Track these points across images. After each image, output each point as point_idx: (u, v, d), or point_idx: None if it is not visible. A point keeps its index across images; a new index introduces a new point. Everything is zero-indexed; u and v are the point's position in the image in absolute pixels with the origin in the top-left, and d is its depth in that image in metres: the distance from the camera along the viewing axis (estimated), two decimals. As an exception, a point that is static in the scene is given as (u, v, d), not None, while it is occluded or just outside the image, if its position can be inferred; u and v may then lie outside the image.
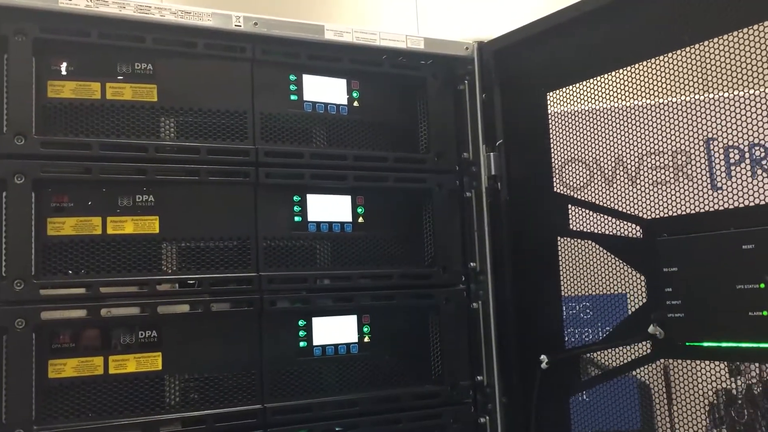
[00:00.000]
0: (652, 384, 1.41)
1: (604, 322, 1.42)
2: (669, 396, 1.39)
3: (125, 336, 1.28)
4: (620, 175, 1.43)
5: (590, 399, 1.42)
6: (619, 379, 1.40)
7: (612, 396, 1.41)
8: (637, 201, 1.31)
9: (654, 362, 1.28)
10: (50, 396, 1.22)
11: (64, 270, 1.25)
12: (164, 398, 1.29)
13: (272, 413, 1.35)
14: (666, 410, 1.39)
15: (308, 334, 1.42)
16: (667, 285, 1.21)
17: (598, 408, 1.42)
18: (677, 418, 1.32)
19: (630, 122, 1.35)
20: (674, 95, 1.26)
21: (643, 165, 1.39)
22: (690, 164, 1.29)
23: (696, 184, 1.23)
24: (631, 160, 1.38)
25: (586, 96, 1.41)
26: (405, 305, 1.52)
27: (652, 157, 1.37)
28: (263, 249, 1.39)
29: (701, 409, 1.27)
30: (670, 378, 1.38)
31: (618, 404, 1.40)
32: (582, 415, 1.45)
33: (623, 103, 1.36)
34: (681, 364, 1.28)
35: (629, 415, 1.41)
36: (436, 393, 1.51)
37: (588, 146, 1.43)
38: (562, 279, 1.46)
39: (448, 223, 1.58)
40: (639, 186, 1.36)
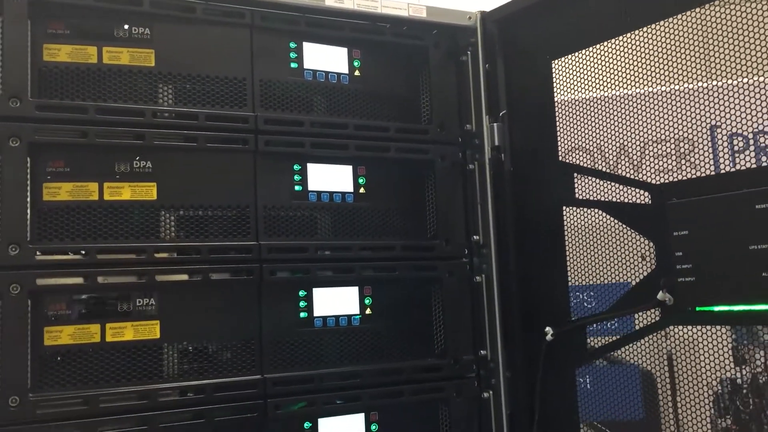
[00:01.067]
0: (655, 373, 1.39)
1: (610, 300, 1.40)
2: (673, 385, 1.36)
3: (122, 304, 1.25)
4: (624, 164, 1.40)
5: (593, 388, 1.40)
6: (623, 367, 1.38)
7: (615, 385, 1.38)
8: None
9: (663, 329, 1.25)
10: (46, 363, 1.19)
11: (60, 236, 1.22)
12: (162, 367, 1.27)
13: (272, 384, 1.32)
14: (670, 400, 1.37)
15: (309, 304, 1.39)
16: (677, 249, 1.18)
17: (601, 397, 1.39)
18: (681, 407, 1.29)
19: (633, 110, 1.33)
20: (678, 83, 1.23)
21: (647, 153, 1.36)
22: (694, 152, 1.27)
23: (700, 173, 1.21)
24: (634, 149, 1.36)
25: (590, 84, 1.39)
26: (407, 277, 1.49)
27: (656, 146, 1.35)
28: (263, 218, 1.36)
29: (706, 399, 1.25)
30: (674, 367, 1.35)
31: (621, 393, 1.38)
32: (585, 404, 1.42)
33: (626, 91, 1.34)
34: (685, 353, 1.25)
35: (632, 404, 1.38)
36: (439, 367, 1.49)
37: (591, 135, 1.41)
38: (568, 250, 1.43)
39: (450, 195, 1.55)
40: (643, 175, 1.34)
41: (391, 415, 1.44)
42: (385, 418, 1.43)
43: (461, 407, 1.49)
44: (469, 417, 1.51)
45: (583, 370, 1.43)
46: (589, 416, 1.42)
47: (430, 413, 1.49)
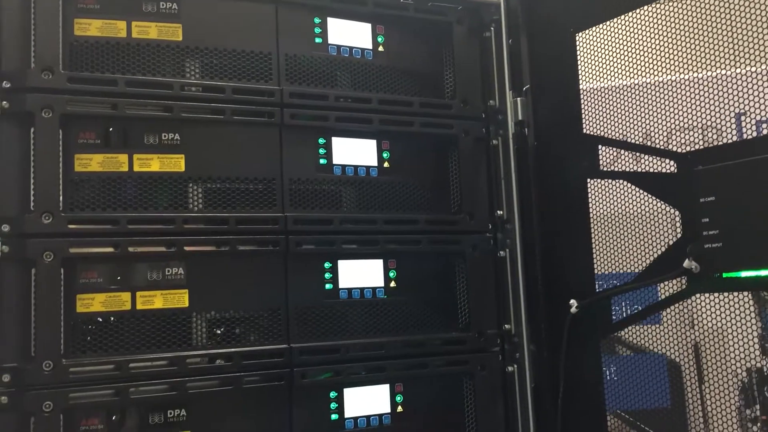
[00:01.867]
0: (682, 362, 1.38)
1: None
2: (700, 374, 1.36)
3: (152, 272, 1.27)
4: None
5: (619, 378, 1.39)
6: (649, 356, 1.37)
7: (641, 374, 1.37)
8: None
9: (689, 297, 1.24)
10: (78, 330, 1.21)
11: (92, 206, 1.24)
12: (191, 335, 1.29)
13: (298, 353, 1.34)
14: (696, 389, 1.36)
15: (334, 276, 1.41)
16: (703, 216, 1.18)
17: (627, 386, 1.39)
18: (708, 397, 1.28)
19: (658, 98, 1.32)
20: (704, 70, 1.23)
21: (672, 141, 1.35)
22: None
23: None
24: (659, 137, 1.35)
25: (615, 73, 1.38)
26: (431, 251, 1.50)
27: (681, 134, 1.34)
28: (288, 190, 1.38)
29: (733, 389, 1.24)
30: (701, 356, 1.35)
31: (647, 382, 1.37)
32: (610, 393, 1.42)
33: (651, 79, 1.33)
34: (712, 342, 1.25)
35: (659, 393, 1.38)
36: (463, 340, 1.50)
37: (615, 123, 1.40)
38: (592, 222, 1.43)
39: (474, 170, 1.56)
40: (668, 163, 1.32)
41: (415, 386, 1.45)
42: (409, 389, 1.44)
43: (485, 381, 1.50)
44: (494, 390, 1.51)
45: (608, 359, 1.43)
46: (614, 405, 1.42)
47: (455, 386, 1.50)
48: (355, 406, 1.39)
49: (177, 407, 1.25)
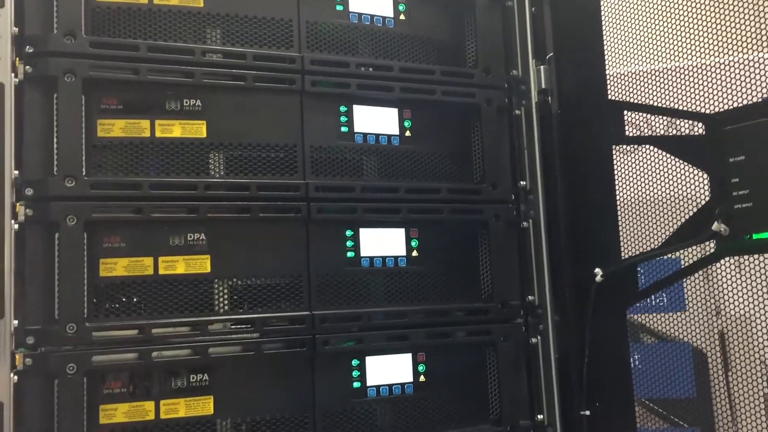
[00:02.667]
0: (707, 350, 1.36)
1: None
2: (725, 363, 1.33)
3: (174, 238, 1.27)
4: None
5: (643, 366, 1.37)
6: (673, 345, 1.35)
7: (666, 363, 1.35)
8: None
9: (718, 261, 1.22)
10: (101, 294, 1.22)
11: (114, 170, 1.25)
12: (213, 301, 1.29)
13: (320, 320, 1.33)
14: (722, 378, 1.34)
15: (356, 244, 1.40)
16: (733, 176, 1.15)
17: (652, 375, 1.37)
18: (734, 385, 1.26)
19: (684, 83, 1.30)
20: (732, 53, 1.20)
21: (698, 127, 1.32)
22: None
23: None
24: (684, 122, 1.32)
25: (641, 57, 1.36)
26: (453, 220, 1.48)
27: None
28: (310, 157, 1.37)
29: (760, 377, 1.22)
30: (726, 345, 1.32)
31: (672, 371, 1.35)
32: (635, 382, 1.40)
33: (678, 63, 1.31)
34: (738, 330, 1.22)
35: (684, 382, 1.35)
36: (486, 310, 1.48)
37: (640, 108, 1.39)
38: (618, 190, 1.41)
39: (497, 140, 1.54)
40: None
41: (438, 356, 1.44)
42: (432, 359, 1.43)
43: (509, 351, 1.48)
44: (517, 361, 1.50)
45: (633, 347, 1.41)
46: (638, 394, 1.39)
47: (478, 357, 1.49)
48: (378, 375, 1.38)
49: (199, 372, 1.25)
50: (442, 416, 1.43)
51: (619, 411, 1.39)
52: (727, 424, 1.30)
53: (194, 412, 1.24)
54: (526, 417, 1.49)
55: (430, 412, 1.42)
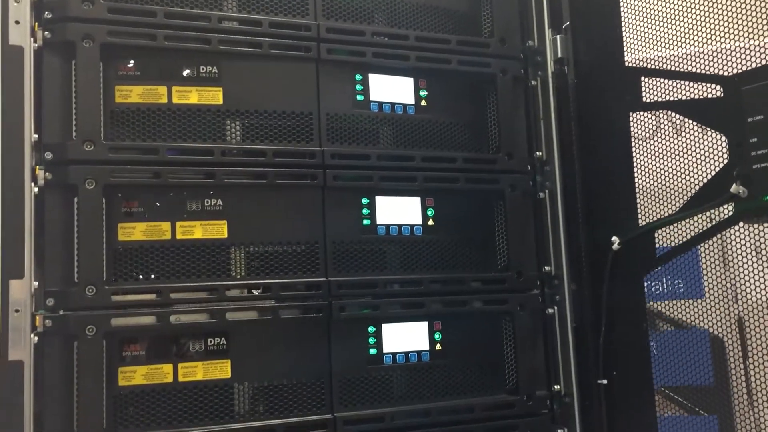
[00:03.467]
0: (725, 337, 1.34)
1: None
2: (744, 350, 1.32)
3: (191, 203, 1.28)
4: (689, 123, 1.36)
5: (659, 353, 1.36)
6: (691, 332, 1.34)
7: (684, 350, 1.34)
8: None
9: (736, 224, 1.21)
10: (120, 258, 1.23)
11: (132, 136, 1.26)
12: (230, 267, 1.29)
13: (336, 287, 1.34)
14: (741, 365, 1.33)
15: (371, 212, 1.40)
16: (752, 135, 1.14)
17: (669, 363, 1.36)
18: (753, 372, 1.25)
19: (702, 68, 1.28)
20: (752, 38, 1.19)
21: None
22: None
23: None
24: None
25: (658, 42, 1.36)
26: (470, 189, 1.48)
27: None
28: (326, 125, 1.37)
29: None
30: (745, 331, 1.31)
31: (690, 359, 1.34)
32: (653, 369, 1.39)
33: (695, 49, 1.30)
34: (757, 316, 1.21)
35: (701, 370, 1.34)
36: (502, 279, 1.48)
37: (657, 94, 1.38)
38: (635, 157, 1.40)
39: (513, 110, 1.54)
40: (709, 134, 1.29)
41: (454, 325, 1.44)
42: (448, 327, 1.43)
43: (525, 321, 1.48)
44: (533, 331, 1.49)
45: (651, 336, 1.40)
46: (656, 382, 1.38)
47: (494, 326, 1.48)
48: (394, 342, 1.38)
49: (217, 336, 1.26)
50: (458, 384, 1.43)
51: (636, 379, 1.39)
52: (745, 413, 1.30)
53: (212, 375, 1.25)
54: (543, 387, 1.48)
55: (445, 380, 1.42)
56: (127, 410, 1.20)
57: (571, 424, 1.47)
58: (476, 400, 1.42)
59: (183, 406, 1.23)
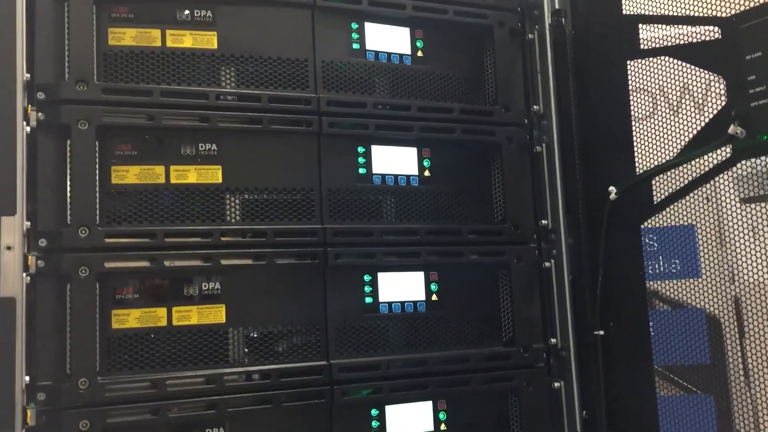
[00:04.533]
0: (722, 317, 1.34)
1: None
2: (741, 329, 1.31)
3: (185, 147, 1.27)
4: (687, 103, 1.35)
5: (656, 333, 1.35)
6: (688, 311, 1.33)
7: (680, 330, 1.34)
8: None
9: (734, 166, 1.20)
10: (113, 201, 1.22)
11: (125, 79, 1.24)
12: (225, 212, 1.28)
13: (332, 234, 1.33)
14: (737, 344, 1.32)
15: (367, 161, 1.39)
16: (750, 73, 1.13)
17: (666, 342, 1.35)
18: (750, 352, 1.24)
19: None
20: None
21: (712, 91, 1.30)
22: None
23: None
24: (698, 87, 1.30)
25: None
26: (466, 141, 1.47)
27: (722, 83, 1.29)
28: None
29: None
30: (742, 311, 1.30)
31: (686, 338, 1.33)
32: None
33: (691, 29, 1.29)
34: (753, 296, 1.21)
35: (698, 349, 1.33)
36: (499, 231, 1.47)
37: (653, 74, 1.37)
38: (633, 106, 1.39)
39: (510, 63, 1.53)
40: (707, 114, 1.28)
41: (450, 276, 1.43)
42: (444, 278, 1.43)
43: (522, 274, 1.47)
44: (530, 284, 1.49)
45: None
46: (655, 360, 1.37)
47: (491, 278, 1.48)
48: (390, 292, 1.38)
49: (212, 280, 1.25)
50: (453, 335, 1.42)
51: (633, 330, 1.38)
52: (742, 392, 1.29)
53: (206, 320, 1.24)
54: (539, 341, 1.48)
55: (441, 331, 1.42)
56: (120, 353, 1.19)
57: (568, 377, 1.47)
58: (472, 351, 1.42)
59: (177, 350, 1.22)
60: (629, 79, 1.40)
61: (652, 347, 1.36)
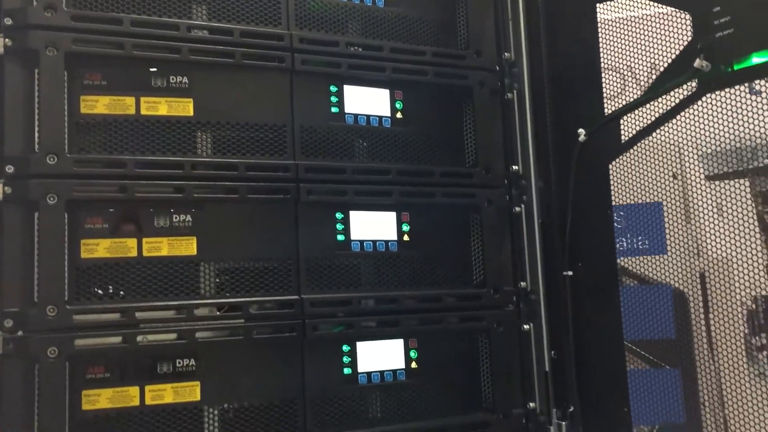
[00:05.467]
0: (687, 292, 1.36)
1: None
2: (706, 304, 1.34)
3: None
4: None
5: (624, 308, 1.37)
6: (655, 287, 1.35)
7: (646, 305, 1.36)
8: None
9: (700, 98, 1.22)
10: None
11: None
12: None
13: (304, 170, 1.32)
14: (702, 319, 1.35)
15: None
16: (714, 5, 1.15)
17: (632, 317, 1.37)
18: (715, 326, 1.27)
19: (667, 28, 1.29)
20: None
21: None
22: None
23: (734, 89, 1.17)
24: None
25: None
26: (438, 85, 1.47)
27: None
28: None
29: (739, 317, 1.23)
30: (707, 286, 1.33)
31: (652, 313, 1.35)
32: None
33: (659, 10, 1.31)
34: (718, 272, 1.24)
35: (664, 323, 1.36)
36: (470, 174, 1.48)
37: (622, 54, 1.39)
38: (602, 47, 1.41)
39: (481, 10, 1.54)
40: (676, 93, 1.28)
41: (421, 216, 1.44)
42: (415, 218, 1.44)
43: (492, 216, 1.48)
44: (501, 226, 1.50)
45: None
46: None
47: (462, 220, 1.49)
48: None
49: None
50: (425, 276, 1.43)
51: (601, 269, 1.40)
52: (707, 365, 1.32)
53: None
54: (510, 283, 1.49)
55: (413, 271, 1.42)
56: (90, 282, 1.17)
57: (537, 321, 1.49)
58: (443, 292, 1.43)
59: (147, 281, 1.21)
60: (599, 28, 1.42)
61: (619, 286, 1.38)
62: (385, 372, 1.36)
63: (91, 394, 1.15)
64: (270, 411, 1.26)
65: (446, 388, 1.42)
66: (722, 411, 1.26)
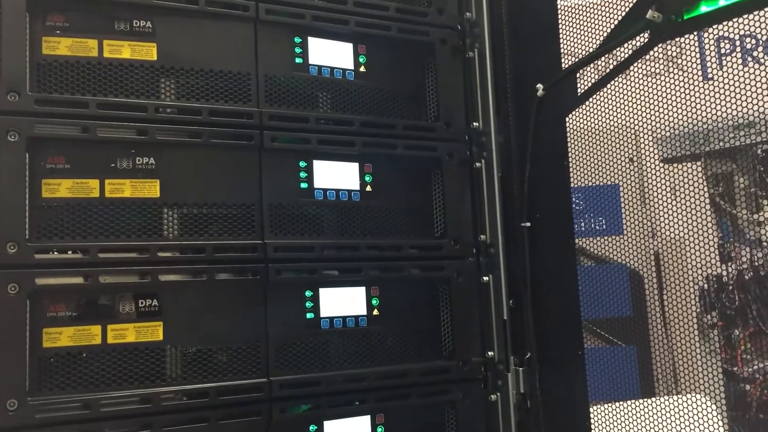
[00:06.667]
0: (643, 271, 1.41)
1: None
2: (660, 283, 1.38)
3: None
4: (612, 67, 1.41)
5: (582, 288, 1.40)
6: (611, 267, 1.39)
7: (604, 284, 1.39)
8: (630, 93, 1.31)
9: (653, 48, 1.26)
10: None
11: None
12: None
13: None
14: (657, 297, 1.39)
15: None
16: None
17: (589, 296, 1.40)
18: (668, 304, 1.31)
19: (620, 13, 1.31)
20: None
21: None
22: (682, 55, 1.28)
23: (688, 75, 1.21)
24: (623, 52, 1.36)
25: None
26: (399, 40, 1.49)
27: None
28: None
29: (692, 296, 1.26)
30: (661, 265, 1.37)
31: (610, 292, 1.39)
32: None
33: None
34: (672, 252, 1.27)
35: (621, 302, 1.40)
36: (432, 128, 1.51)
37: (577, 39, 1.42)
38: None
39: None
40: (631, 78, 1.33)
41: (383, 166, 1.46)
42: (378, 168, 1.46)
43: (453, 169, 1.51)
44: (461, 180, 1.53)
45: None
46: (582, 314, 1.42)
47: (424, 172, 1.52)
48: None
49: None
50: (387, 225, 1.46)
51: (557, 220, 1.43)
52: (661, 342, 1.36)
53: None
54: (470, 237, 1.53)
55: (374, 221, 1.45)
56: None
57: (496, 272, 1.52)
58: (405, 241, 1.46)
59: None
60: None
61: (575, 239, 1.42)
62: (347, 318, 1.38)
63: (52, 332, 1.15)
64: (233, 353, 1.27)
65: (407, 336, 1.45)
66: (675, 386, 1.30)
